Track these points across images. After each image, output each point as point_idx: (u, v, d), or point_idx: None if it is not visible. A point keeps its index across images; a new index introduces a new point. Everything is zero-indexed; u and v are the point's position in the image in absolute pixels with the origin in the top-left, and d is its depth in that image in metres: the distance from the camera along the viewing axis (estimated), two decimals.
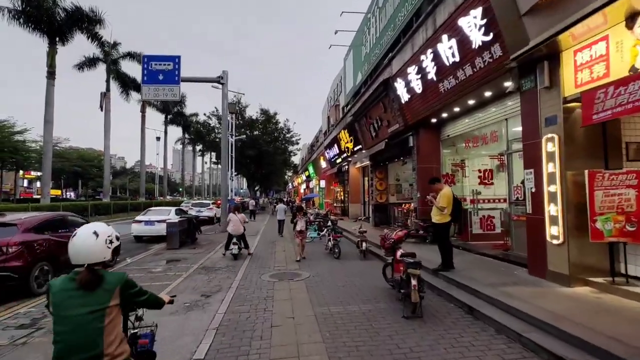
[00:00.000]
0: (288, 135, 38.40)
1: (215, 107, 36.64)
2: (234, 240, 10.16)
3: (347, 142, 18.83)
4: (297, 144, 38.82)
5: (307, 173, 45.13)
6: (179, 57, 18.54)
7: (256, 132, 36.97)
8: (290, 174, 70.59)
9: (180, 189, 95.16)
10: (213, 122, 36.06)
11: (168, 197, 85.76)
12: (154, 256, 10.86)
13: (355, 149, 17.66)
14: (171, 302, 2.62)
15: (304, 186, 55.81)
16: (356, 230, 10.74)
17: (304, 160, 60.39)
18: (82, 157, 60.35)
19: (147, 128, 51.13)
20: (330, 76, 33.14)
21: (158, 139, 52.86)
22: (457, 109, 9.20)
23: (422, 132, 10.87)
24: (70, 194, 74.30)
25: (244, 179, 51.39)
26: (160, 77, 18.64)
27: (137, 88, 39.51)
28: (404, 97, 10.31)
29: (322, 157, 29.86)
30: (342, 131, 19.12)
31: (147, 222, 14.68)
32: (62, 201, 35.98)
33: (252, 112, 38.49)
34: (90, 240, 1.98)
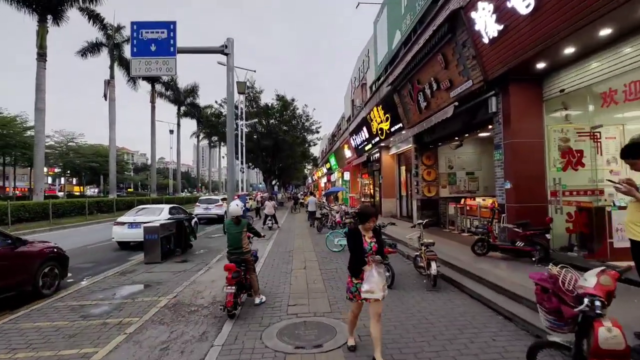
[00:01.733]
0: (307, 124, 34.84)
1: (241, 115, 33.62)
2: (269, 218, 15.69)
3: (381, 123, 15.11)
4: (318, 132, 35.21)
5: (328, 165, 41.55)
6: (174, 23, 14.96)
7: (272, 121, 33.64)
8: (309, 167, 67.18)
9: (199, 185, 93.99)
10: (225, 110, 32.90)
11: (186, 192, 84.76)
12: (120, 277, 7.61)
13: (393, 129, 13.93)
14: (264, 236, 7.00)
15: (324, 180, 52.30)
16: (412, 240, 7.09)
17: (324, 152, 56.78)
18: (98, 153, 58.94)
19: (159, 121, 49.03)
20: (351, 59, 29.23)
21: (171, 132, 50.53)
22: (590, 39, 5.38)
23: (513, 89, 7.05)
24: (94, 191, 73.92)
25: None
26: (153, 48, 15.27)
27: (147, 77, 37.10)
28: (489, 32, 6.54)
29: (345, 146, 26.20)
30: (375, 109, 15.41)
31: (132, 225, 11.54)
32: (69, 197, 33.82)
33: (267, 99, 35.23)
34: (235, 207, 5.61)
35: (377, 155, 18.78)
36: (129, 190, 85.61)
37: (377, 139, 16.52)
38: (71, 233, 16.42)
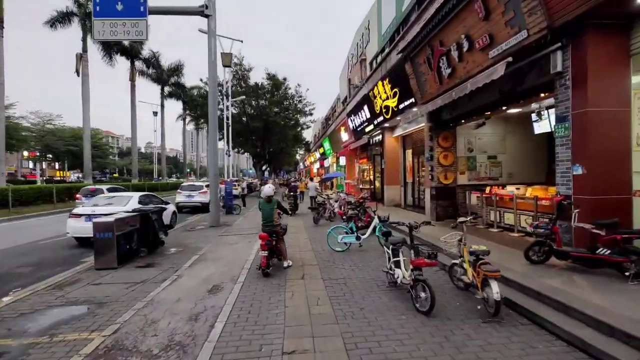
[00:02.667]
0: (300, 106, 32.58)
1: (226, 91, 31.09)
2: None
3: (387, 99, 13.15)
4: (311, 114, 33.00)
5: (321, 150, 39.56)
6: None
7: (262, 102, 31.31)
8: (301, 152, 65.02)
9: (188, 170, 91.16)
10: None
11: (174, 178, 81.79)
12: (54, 291, 5.66)
13: (402, 106, 12.00)
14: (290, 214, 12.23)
15: (317, 165, 50.33)
16: (449, 244, 5.24)
17: (317, 136, 54.64)
18: (77, 136, 55.68)
19: (142, 102, 46.09)
20: (345, 42, 26.84)
21: (155, 113, 47.60)
22: None
23: (591, 39, 5.16)
24: (78, 176, 70.69)
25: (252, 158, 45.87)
26: (119, 7, 12.97)
27: (125, 52, 34.10)
28: None
29: (342, 128, 24.23)
30: (380, 84, 13.41)
31: (91, 217, 9.49)
32: (28, 183, 31.11)
33: (257, 79, 32.77)
34: (268, 188, 6.80)
35: (379, 137, 16.88)
36: (114, 175, 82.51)
37: (381, 118, 14.58)
38: (30, 224, 14.27)
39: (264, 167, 42.72)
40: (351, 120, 20.29)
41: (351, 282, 5.78)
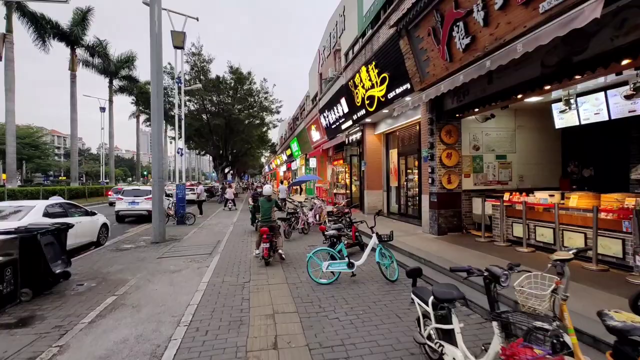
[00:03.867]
0: (266, 103, 29.95)
1: (169, 63, 27.75)
2: (230, 201, 19.86)
3: (372, 88, 11.06)
4: (278, 112, 30.49)
5: (288, 152, 37.04)
6: None
7: (224, 97, 28.36)
8: (267, 154, 62.02)
9: (145, 173, 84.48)
10: (166, 81, 26.86)
11: (129, 182, 75.26)
12: None
13: (392, 94, 9.94)
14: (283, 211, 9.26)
15: (283, 168, 47.67)
16: (531, 298, 3.03)
17: (283, 138, 52.01)
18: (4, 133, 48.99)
19: (87, 95, 41.27)
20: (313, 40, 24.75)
21: (103, 109, 42.72)
22: None
23: None
24: (18, 178, 62.59)
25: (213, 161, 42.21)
26: None
27: (63, 36, 29.65)
28: None
29: (312, 126, 21.99)
30: (363, 70, 11.31)
31: None
32: None
33: (218, 73, 29.68)
34: (268, 188, 7.92)
35: (357, 135, 14.79)
36: (61, 178, 74.59)
37: (362, 112, 12.48)
38: None
39: (226, 170, 39.44)
40: (324, 117, 18.10)
41: (357, 353, 3.48)
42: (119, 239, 11.18)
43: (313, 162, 24.60)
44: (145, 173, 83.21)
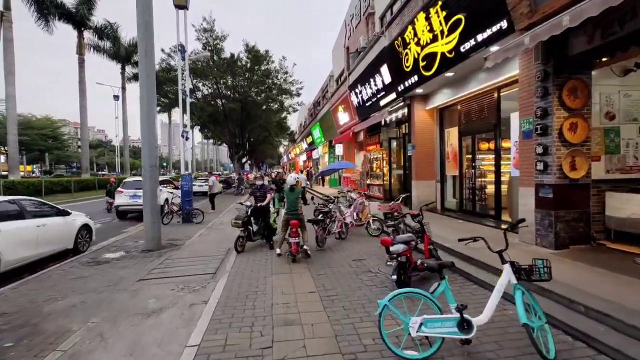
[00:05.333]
0: (285, 86, 27.07)
1: (181, 43, 25.26)
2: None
3: (433, 42, 8.09)
4: (299, 95, 27.61)
5: (309, 139, 34.29)
6: None
7: (239, 79, 25.77)
8: (285, 143, 59.46)
9: (164, 164, 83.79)
10: (175, 61, 24.33)
11: (133, 177, 74.24)
12: None
13: (469, 44, 6.95)
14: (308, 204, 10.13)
15: (303, 157, 44.99)
16: None
17: (302, 125, 49.23)
18: (27, 124, 48.47)
19: (100, 83, 39.66)
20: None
21: (116, 97, 41.09)
22: None
23: None
24: (45, 169, 63.02)
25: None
26: None
27: (68, 17, 27.59)
28: None
29: (340, 108, 19.10)
30: (421, 17, 8.32)
31: None
32: None
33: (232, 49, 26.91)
34: (291, 178, 7.05)
35: (401, 112, 11.87)
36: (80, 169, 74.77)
37: (413, 79, 9.54)
38: None
39: (243, 160, 37.14)
40: (355, 93, 15.19)
41: None
42: (106, 243, 8.82)
43: (339, 149, 21.79)
44: (164, 164, 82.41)
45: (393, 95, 11.39)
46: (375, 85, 12.59)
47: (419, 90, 10.24)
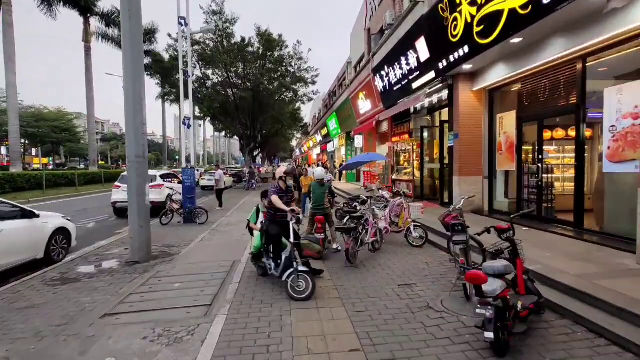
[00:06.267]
0: (299, 74, 25.21)
1: (182, 16, 23.67)
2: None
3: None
4: (314, 83, 25.74)
5: (324, 131, 32.48)
6: None
7: (250, 67, 24.10)
8: (299, 136, 57.74)
9: (177, 157, 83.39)
10: (185, 48, 22.77)
11: (163, 166, 74.10)
12: None
13: None
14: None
15: (317, 150, 43.22)
16: None
17: (316, 117, 47.35)
18: (38, 116, 48.05)
19: (110, 74, 38.55)
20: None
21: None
22: None
23: None
24: (60, 162, 63.25)
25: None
26: None
27: (73, 3, 26.46)
28: None
29: (361, 94, 17.25)
30: None
31: None
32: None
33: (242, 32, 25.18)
34: (320, 172, 6.95)
35: (437, 97, 9.99)
36: (99, 163, 75.02)
37: (463, 51, 7.66)
38: None
39: (255, 153, 35.62)
40: (381, 77, 13.32)
41: None
42: (90, 249, 7.33)
43: (359, 141, 19.97)
44: (177, 157, 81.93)
45: (431, 75, 9.51)
46: (408, 64, 10.71)
47: (466, 67, 8.35)
